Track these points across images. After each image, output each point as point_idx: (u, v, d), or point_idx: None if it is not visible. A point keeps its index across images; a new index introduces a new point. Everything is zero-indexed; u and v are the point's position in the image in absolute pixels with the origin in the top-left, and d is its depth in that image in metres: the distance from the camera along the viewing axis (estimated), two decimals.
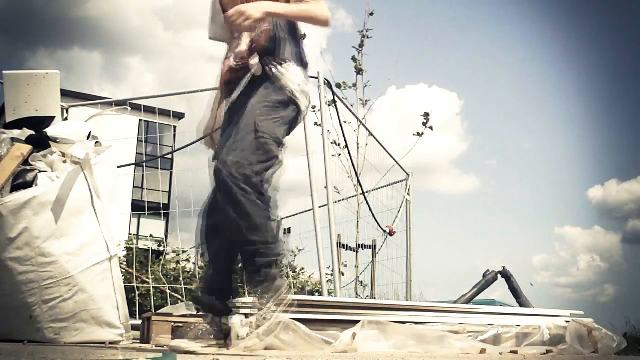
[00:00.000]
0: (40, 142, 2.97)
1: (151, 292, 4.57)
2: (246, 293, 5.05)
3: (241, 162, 2.06)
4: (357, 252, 5.89)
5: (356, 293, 5.87)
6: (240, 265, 2.36)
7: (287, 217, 7.09)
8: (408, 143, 6.47)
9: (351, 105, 5.79)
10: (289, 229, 6.80)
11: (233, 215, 2.06)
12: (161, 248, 7.91)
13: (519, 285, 5.59)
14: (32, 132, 3.04)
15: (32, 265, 2.60)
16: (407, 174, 6.75)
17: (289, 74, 2.23)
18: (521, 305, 5.35)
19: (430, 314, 3.41)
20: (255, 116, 2.14)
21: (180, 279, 5.02)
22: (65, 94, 4.00)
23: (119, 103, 4.97)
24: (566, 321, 3.69)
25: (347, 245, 5.79)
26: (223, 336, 2.24)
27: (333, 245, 4.22)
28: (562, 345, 3.31)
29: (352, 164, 5.61)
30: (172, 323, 3.06)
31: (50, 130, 3.10)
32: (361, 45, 6.06)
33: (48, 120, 3.29)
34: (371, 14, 6.11)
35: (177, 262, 6.90)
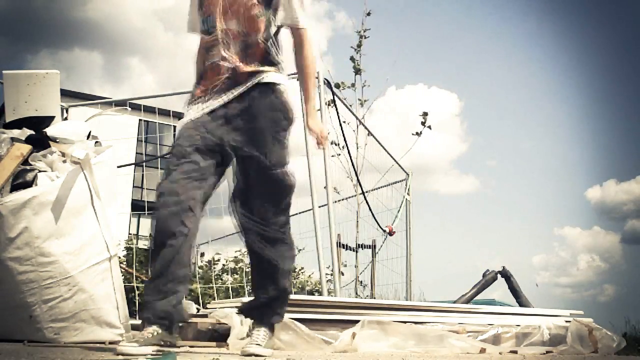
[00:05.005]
0: (40, 142, 2.97)
1: None
2: (246, 294, 5.06)
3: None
4: (357, 252, 5.89)
5: (356, 293, 5.87)
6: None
7: None
8: (408, 143, 6.48)
9: (350, 106, 5.79)
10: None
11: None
12: None
13: (519, 285, 5.59)
14: (32, 132, 3.03)
15: (32, 265, 2.60)
16: (407, 174, 6.75)
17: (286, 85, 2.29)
18: (521, 305, 5.36)
19: (430, 314, 3.41)
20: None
21: None
22: (65, 94, 4.00)
23: (119, 103, 4.98)
24: (566, 321, 3.69)
25: (347, 245, 5.79)
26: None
27: (333, 245, 4.22)
28: (562, 346, 3.32)
29: (352, 164, 5.61)
30: None
31: (50, 130, 3.10)
32: (359, 45, 6.06)
33: (48, 120, 3.28)
34: (368, 14, 6.11)
35: None
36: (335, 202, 4.98)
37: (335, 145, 5.62)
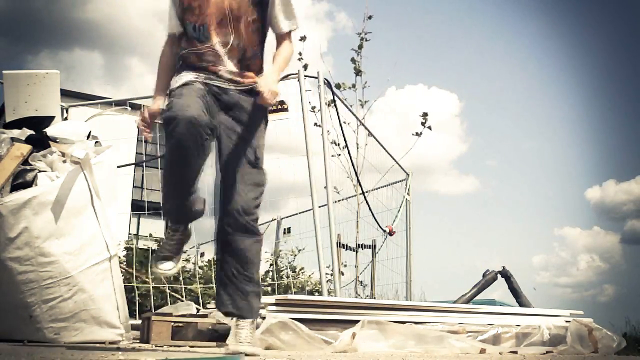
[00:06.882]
0: (40, 142, 2.97)
1: (151, 292, 4.56)
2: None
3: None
4: (357, 252, 5.89)
5: (356, 293, 5.87)
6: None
7: (287, 217, 7.10)
8: (408, 143, 6.47)
9: (351, 106, 5.80)
10: (289, 229, 6.80)
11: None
12: None
13: (519, 285, 5.59)
14: (32, 132, 3.03)
15: (32, 265, 2.60)
16: (407, 174, 6.75)
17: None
18: (521, 305, 5.35)
19: (430, 314, 3.41)
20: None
21: (180, 279, 5.01)
22: (65, 94, 4.00)
23: (119, 103, 4.98)
24: (566, 321, 3.69)
25: (347, 245, 5.79)
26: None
27: (333, 245, 4.22)
28: (562, 346, 3.32)
29: (352, 164, 5.61)
30: (172, 323, 3.06)
31: (50, 130, 3.10)
32: (360, 47, 6.07)
33: (48, 120, 3.29)
34: (370, 17, 6.11)
35: None
36: (335, 202, 4.98)
37: (336, 145, 5.62)
